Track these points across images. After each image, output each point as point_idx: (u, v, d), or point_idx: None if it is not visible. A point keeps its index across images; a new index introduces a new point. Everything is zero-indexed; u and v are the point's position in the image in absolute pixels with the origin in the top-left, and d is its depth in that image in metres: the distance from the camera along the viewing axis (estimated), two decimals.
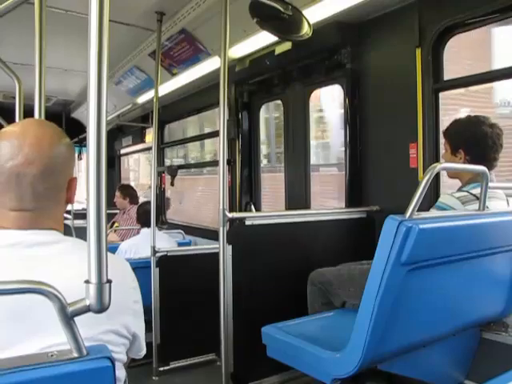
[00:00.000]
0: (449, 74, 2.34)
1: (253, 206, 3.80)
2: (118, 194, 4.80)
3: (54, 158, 0.94)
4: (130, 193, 4.83)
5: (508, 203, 1.92)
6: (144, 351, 1.11)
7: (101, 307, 0.69)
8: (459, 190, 1.90)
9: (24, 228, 0.92)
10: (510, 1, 1.95)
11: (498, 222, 1.62)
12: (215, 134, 4.31)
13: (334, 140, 3.81)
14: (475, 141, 1.84)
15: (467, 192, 1.82)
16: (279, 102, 3.63)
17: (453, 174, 2.00)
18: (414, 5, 2.34)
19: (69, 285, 0.71)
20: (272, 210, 3.95)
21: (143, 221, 3.63)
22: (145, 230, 3.58)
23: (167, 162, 5.70)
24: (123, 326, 0.96)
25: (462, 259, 1.53)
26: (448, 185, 2.31)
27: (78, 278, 0.78)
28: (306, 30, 2.20)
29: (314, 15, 2.38)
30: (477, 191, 1.75)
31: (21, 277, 0.66)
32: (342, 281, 2.06)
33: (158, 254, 2.81)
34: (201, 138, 5.23)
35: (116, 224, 4.74)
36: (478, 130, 1.85)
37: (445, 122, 2.27)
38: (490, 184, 1.61)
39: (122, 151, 6.81)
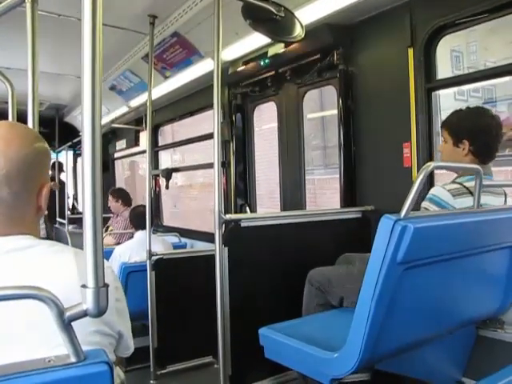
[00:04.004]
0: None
1: (248, 208, 3.80)
2: (110, 198, 4.79)
3: (22, 161, 0.90)
4: (122, 195, 4.82)
5: (506, 199, 1.92)
6: (131, 350, 1.10)
7: (98, 311, 0.69)
8: (453, 181, 1.89)
9: None
10: (500, 1, 1.97)
11: (492, 220, 1.63)
12: (209, 136, 4.31)
13: None
14: (480, 131, 1.84)
15: (460, 184, 1.82)
16: None
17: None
18: (405, 5, 2.35)
19: (53, 288, 0.70)
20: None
21: (136, 224, 3.62)
22: (138, 234, 3.56)
23: None
24: (107, 325, 0.95)
25: (457, 257, 1.54)
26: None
27: (61, 280, 0.77)
28: (298, 32, 2.21)
29: (306, 17, 2.39)
30: (470, 184, 1.75)
31: (4, 285, 0.65)
32: (341, 278, 2.06)
33: (154, 258, 2.80)
34: (195, 140, 5.23)
35: (110, 228, 4.72)
36: (481, 120, 1.85)
37: None
38: (486, 182, 1.62)
39: (116, 155, 6.78)
